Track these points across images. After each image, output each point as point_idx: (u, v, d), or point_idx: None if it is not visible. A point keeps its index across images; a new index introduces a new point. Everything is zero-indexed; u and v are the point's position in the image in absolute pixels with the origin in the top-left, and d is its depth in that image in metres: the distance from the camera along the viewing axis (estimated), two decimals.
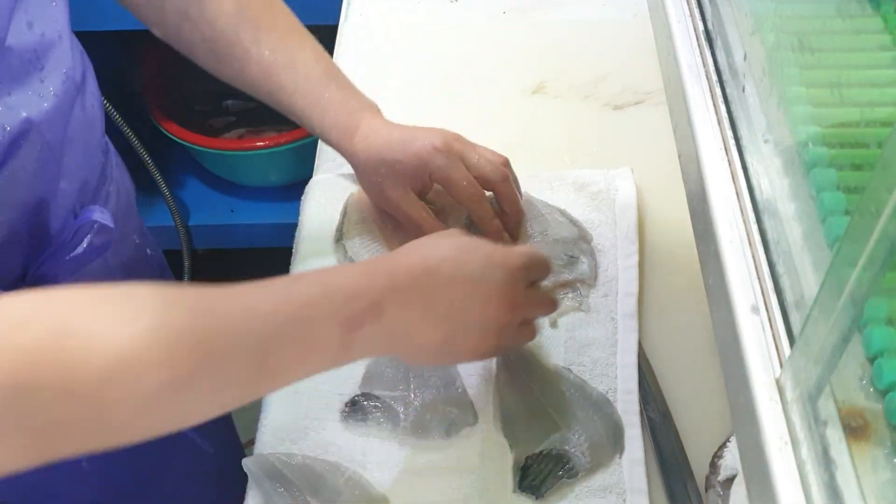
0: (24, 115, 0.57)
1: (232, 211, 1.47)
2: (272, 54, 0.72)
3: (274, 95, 0.74)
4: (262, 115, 1.55)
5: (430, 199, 0.77)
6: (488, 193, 0.75)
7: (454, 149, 0.73)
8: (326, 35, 1.06)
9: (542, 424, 0.67)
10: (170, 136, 1.39)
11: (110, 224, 0.66)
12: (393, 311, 0.54)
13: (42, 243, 0.63)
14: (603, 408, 0.68)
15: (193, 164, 1.49)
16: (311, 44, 0.75)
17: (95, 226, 0.65)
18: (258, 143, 1.36)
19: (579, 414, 0.67)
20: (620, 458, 0.65)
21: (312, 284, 0.53)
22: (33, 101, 0.58)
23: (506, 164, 0.75)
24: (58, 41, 0.62)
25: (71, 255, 0.65)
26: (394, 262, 0.58)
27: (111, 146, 0.78)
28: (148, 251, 0.86)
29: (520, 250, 0.63)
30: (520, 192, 0.77)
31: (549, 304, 0.66)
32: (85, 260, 0.66)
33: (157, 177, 1.40)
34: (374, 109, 0.76)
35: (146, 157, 1.38)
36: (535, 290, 0.64)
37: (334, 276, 0.55)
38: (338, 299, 0.52)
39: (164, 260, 0.93)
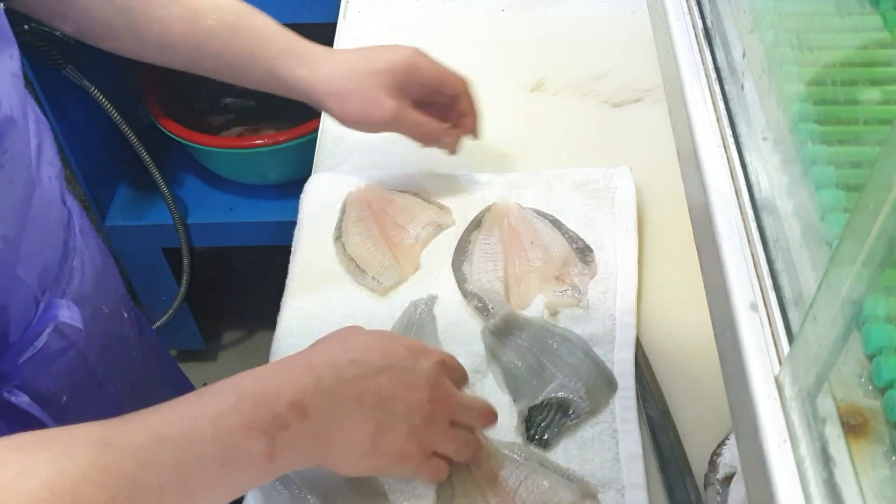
0: None
1: (231, 209, 1.47)
2: (195, 2, 0.69)
3: (205, 47, 0.70)
4: (261, 113, 1.55)
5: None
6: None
7: (423, 53, 0.74)
8: (325, 32, 1.06)
9: (540, 375, 0.69)
10: (168, 134, 1.39)
11: (78, 324, 0.61)
12: (319, 407, 0.51)
13: (2, 341, 0.58)
14: (588, 352, 0.70)
15: (192, 163, 1.49)
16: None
17: (55, 324, 0.60)
18: (257, 142, 1.36)
19: (570, 360, 0.69)
20: (614, 397, 0.69)
21: (224, 394, 0.49)
22: None
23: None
24: (19, 118, 0.56)
25: (34, 353, 0.60)
26: (311, 358, 0.55)
27: (73, 211, 0.70)
28: (124, 314, 0.79)
29: (436, 350, 0.61)
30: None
31: (479, 415, 0.62)
32: (49, 360, 0.61)
33: (156, 175, 1.40)
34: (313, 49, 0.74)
35: (145, 155, 1.38)
36: (460, 392, 0.61)
37: (246, 381, 0.51)
38: (252, 405, 0.49)
39: (142, 316, 0.86)
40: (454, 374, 0.61)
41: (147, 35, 0.71)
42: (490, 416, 0.63)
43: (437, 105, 0.77)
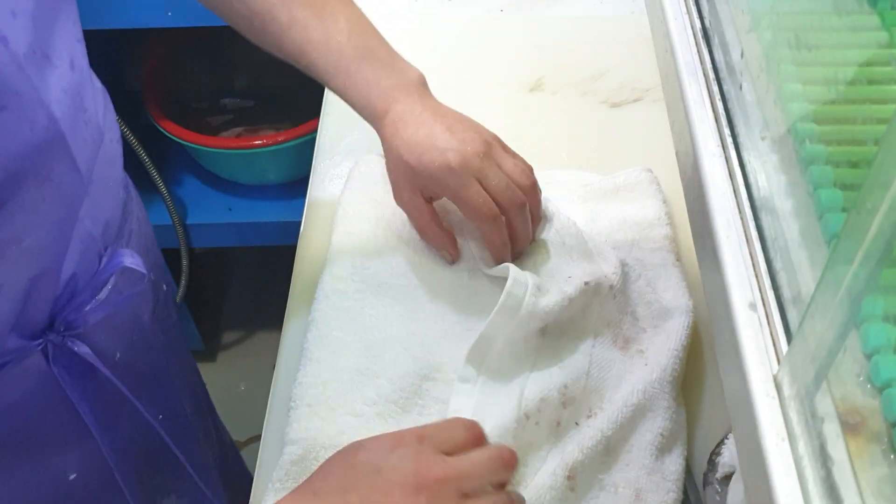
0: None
1: (230, 209, 1.47)
2: (305, 33, 0.69)
3: (310, 72, 0.71)
4: (260, 113, 1.55)
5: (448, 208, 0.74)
6: None
7: (472, 166, 0.67)
8: None
9: None
10: (167, 134, 1.39)
11: (141, 269, 0.64)
12: None
13: (68, 290, 0.61)
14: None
15: (191, 163, 1.49)
16: (347, 16, 0.71)
17: (121, 270, 0.63)
18: (256, 142, 1.36)
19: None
20: None
21: None
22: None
23: (530, 188, 0.70)
24: (87, 81, 0.60)
25: (99, 300, 0.63)
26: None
27: (129, 180, 0.76)
28: (164, 287, 0.83)
29: (413, 429, 0.54)
30: (537, 217, 0.73)
31: (490, 468, 0.53)
32: (114, 306, 0.64)
33: (155, 175, 1.40)
34: (410, 89, 0.71)
35: (143, 156, 1.38)
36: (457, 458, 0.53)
37: None
38: None
39: (173, 296, 0.90)
40: (446, 443, 0.53)
41: (266, 45, 0.72)
42: (506, 462, 0.54)
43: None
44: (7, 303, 0.55)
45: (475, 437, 0.55)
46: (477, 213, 0.68)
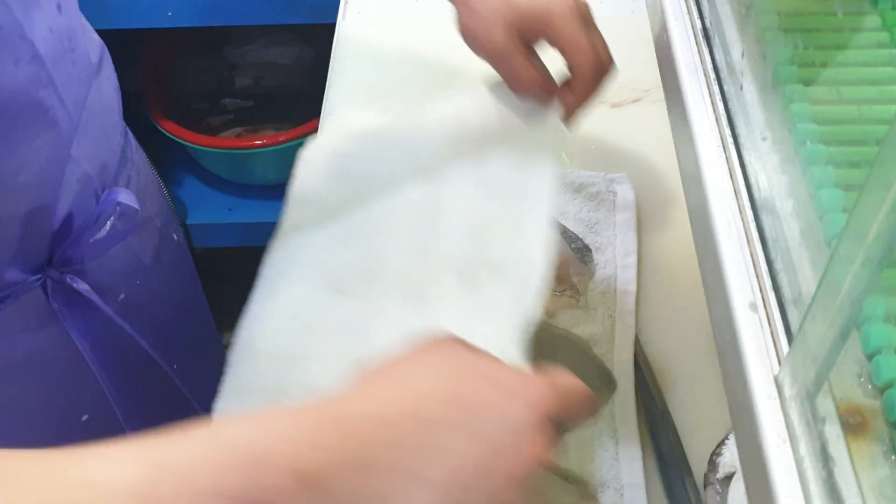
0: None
1: (230, 209, 1.47)
2: None
3: None
4: (260, 113, 1.55)
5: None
6: None
7: (583, 12, 0.64)
8: (324, 33, 1.06)
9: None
10: (167, 134, 1.39)
11: (135, 205, 0.66)
12: (345, 481, 0.35)
13: (65, 227, 0.63)
14: (587, 351, 0.68)
15: (191, 163, 1.49)
16: None
17: (118, 207, 0.65)
18: (256, 142, 1.36)
19: (568, 360, 0.68)
20: (613, 397, 0.66)
21: (197, 444, 0.34)
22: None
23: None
24: (79, 26, 0.63)
25: (95, 237, 0.64)
26: (347, 407, 0.38)
27: (129, 130, 0.79)
28: (174, 236, 0.86)
29: (541, 381, 0.43)
30: None
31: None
32: (109, 243, 0.66)
33: (155, 175, 1.39)
34: None
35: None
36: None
37: (233, 430, 0.35)
38: (235, 465, 0.33)
39: (188, 246, 0.94)
40: (566, 410, 0.43)
41: None
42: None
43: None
44: (4, 236, 0.57)
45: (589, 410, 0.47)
46: (594, 55, 0.64)
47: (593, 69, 0.65)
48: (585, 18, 0.65)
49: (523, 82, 0.66)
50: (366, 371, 0.41)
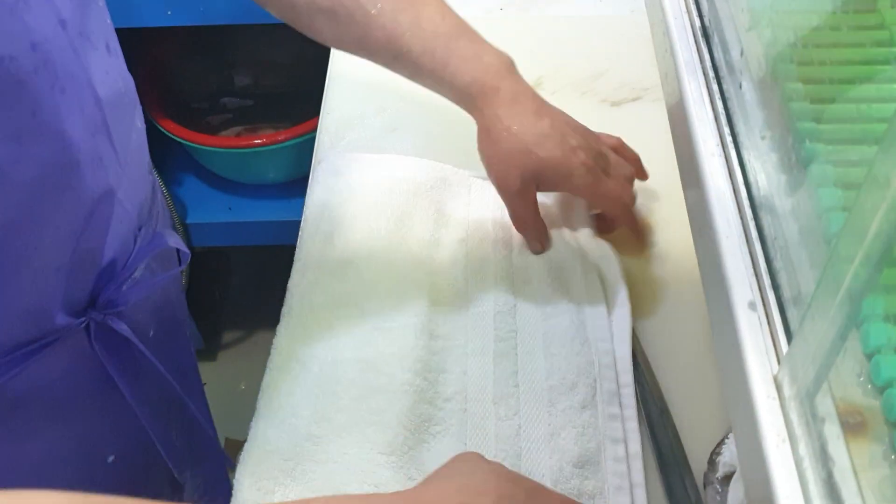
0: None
1: (230, 209, 1.47)
2: (394, 15, 0.67)
3: (400, 60, 0.69)
4: (260, 112, 1.55)
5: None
6: None
7: (599, 164, 0.70)
8: None
9: None
10: (167, 133, 1.39)
11: (184, 248, 0.65)
12: None
13: (109, 269, 0.62)
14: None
15: (191, 162, 1.49)
16: (436, 1, 0.70)
17: (162, 250, 0.64)
18: (256, 141, 1.36)
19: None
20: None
21: None
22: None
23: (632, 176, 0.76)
24: (122, 63, 0.61)
25: (137, 278, 0.64)
26: (419, 496, 0.49)
27: (152, 163, 0.79)
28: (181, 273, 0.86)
29: (558, 495, 0.55)
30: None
31: None
32: (151, 286, 0.65)
33: (154, 175, 1.40)
34: (511, 66, 0.70)
35: None
36: None
37: None
38: None
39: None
40: None
41: (347, 38, 0.71)
42: None
43: None
44: (57, 280, 0.56)
45: None
46: (617, 202, 0.73)
47: (619, 211, 0.74)
48: (604, 167, 0.71)
49: (525, 227, 0.73)
50: (430, 475, 0.51)
